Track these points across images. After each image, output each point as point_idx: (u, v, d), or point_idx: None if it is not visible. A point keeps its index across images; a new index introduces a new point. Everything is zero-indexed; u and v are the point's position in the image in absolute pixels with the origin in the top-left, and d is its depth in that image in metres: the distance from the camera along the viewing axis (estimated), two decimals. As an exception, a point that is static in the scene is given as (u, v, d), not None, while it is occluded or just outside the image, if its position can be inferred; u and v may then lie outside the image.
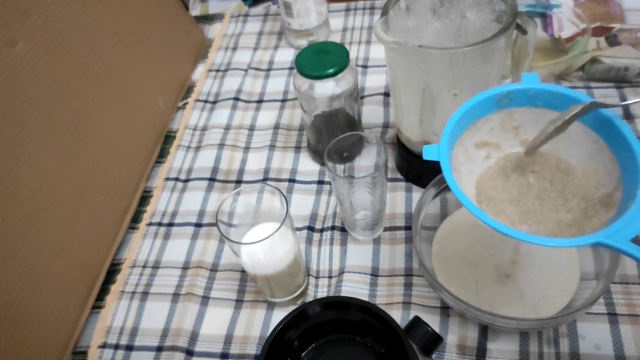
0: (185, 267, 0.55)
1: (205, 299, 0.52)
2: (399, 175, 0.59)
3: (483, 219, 0.35)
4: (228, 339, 0.49)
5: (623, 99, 0.60)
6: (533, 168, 0.42)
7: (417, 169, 0.57)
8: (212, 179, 0.63)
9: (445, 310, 0.48)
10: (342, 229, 0.55)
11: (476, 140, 0.42)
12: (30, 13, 0.49)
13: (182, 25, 0.76)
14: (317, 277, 0.52)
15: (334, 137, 0.48)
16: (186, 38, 0.77)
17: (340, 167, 0.52)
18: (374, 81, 0.70)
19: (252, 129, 0.68)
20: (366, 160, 0.55)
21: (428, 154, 0.37)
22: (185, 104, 0.73)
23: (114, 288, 0.55)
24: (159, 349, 0.50)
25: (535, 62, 0.62)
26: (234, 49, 0.80)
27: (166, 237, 0.59)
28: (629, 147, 0.37)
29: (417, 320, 0.41)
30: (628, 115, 0.58)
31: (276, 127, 0.68)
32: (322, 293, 0.51)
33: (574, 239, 0.34)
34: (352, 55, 0.75)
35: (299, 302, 0.51)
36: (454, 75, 0.45)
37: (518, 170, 0.43)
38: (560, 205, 0.40)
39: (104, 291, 0.55)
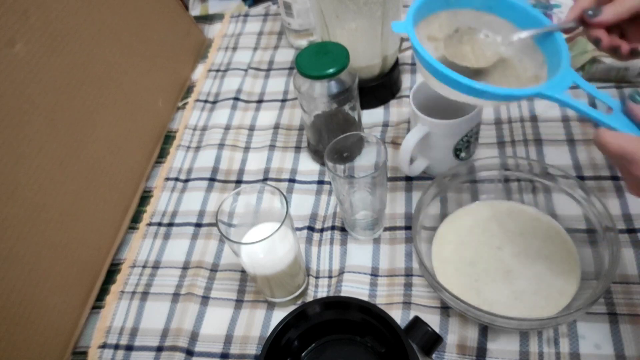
0: (185, 267, 0.55)
1: (205, 299, 0.52)
2: (399, 175, 0.59)
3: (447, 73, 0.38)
4: (228, 339, 0.49)
5: (623, 98, 0.60)
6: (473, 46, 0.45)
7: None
8: (212, 179, 0.63)
9: (445, 310, 0.48)
10: (342, 229, 0.55)
11: (428, 34, 0.45)
12: (30, 13, 0.49)
13: (182, 25, 0.76)
14: (317, 277, 0.52)
15: (334, 137, 0.48)
16: (186, 38, 0.77)
17: (340, 167, 0.52)
18: (374, 81, 0.70)
19: (252, 129, 0.68)
20: (366, 160, 0.55)
21: (397, 28, 0.40)
22: (185, 104, 0.73)
23: (114, 288, 0.55)
24: (159, 349, 0.50)
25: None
26: (234, 49, 0.80)
27: (166, 237, 0.59)
28: (551, 36, 0.41)
29: (417, 320, 0.41)
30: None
31: (276, 127, 0.68)
32: (322, 293, 0.51)
33: (518, 89, 0.39)
34: (352, 55, 0.75)
35: (299, 302, 0.51)
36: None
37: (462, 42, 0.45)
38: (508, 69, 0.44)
39: (104, 291, 0.55)
